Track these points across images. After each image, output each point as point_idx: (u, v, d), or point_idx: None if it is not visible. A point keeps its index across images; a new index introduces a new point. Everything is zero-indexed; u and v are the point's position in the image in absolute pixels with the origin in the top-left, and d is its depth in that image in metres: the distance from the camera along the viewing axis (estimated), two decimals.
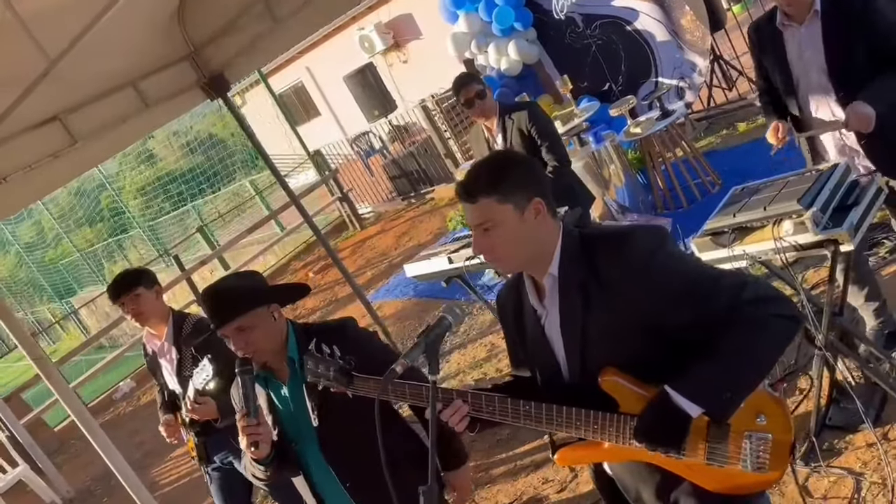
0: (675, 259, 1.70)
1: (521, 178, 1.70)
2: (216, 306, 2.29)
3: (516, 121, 4.21)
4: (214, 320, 2.28)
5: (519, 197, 1.68)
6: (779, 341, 1.66)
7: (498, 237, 1.70)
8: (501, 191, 1.67)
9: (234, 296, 2.32)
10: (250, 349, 2.27)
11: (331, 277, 9.88)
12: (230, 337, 2.27)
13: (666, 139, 6.20)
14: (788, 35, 2.99)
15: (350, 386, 1.93)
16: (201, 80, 4.91)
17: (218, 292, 2.34)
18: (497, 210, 1.68)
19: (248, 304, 2.27)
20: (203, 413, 3.11)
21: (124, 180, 24.80)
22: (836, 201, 2.60)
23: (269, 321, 2.32)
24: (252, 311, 2.27)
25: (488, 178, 1.70)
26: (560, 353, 1.78)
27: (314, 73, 17.47)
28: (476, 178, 1.72)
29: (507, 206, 1.67)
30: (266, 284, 2.51)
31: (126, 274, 3.44)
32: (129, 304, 3.33)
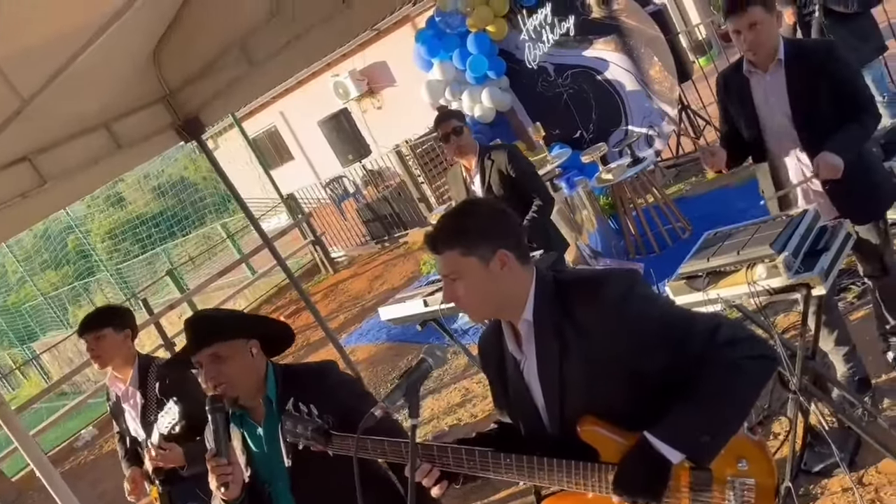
0: (649, 302, 1.71)
1: (485, 231, 1.70)
2: (196, 330, 2.26)
3: (496, 161, 4.25)
4: (191, 344, 2.24)
5: (483, 249, 1.68)
6: (755, 382, 1.66)
7: (464, 288, 1.71)
8: (465, 243, 1.68)
9: (214, 323, 2.31)
10: (221, 381, 2.22)
11: (302, 322, 9.77)
12: (203, 365, 2.23)
13: (637, 185, 6.30)
14: (754, 82, 3.08)
15: (329, 445, 1.92)
16: (176, 122, 4.89)
17: (199, 318, 2.34)
18: (461, 262, 1.69)
19: (227, 332, 2.24)
20: (168, 460, 3.00)
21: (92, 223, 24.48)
22: (806, 246, 2.64)
23: (247, 356, 2.28)
24: (230, 341, 2.23)
25: (452, 230, 1.71)
26: (539, 400, 1.76)
27: (288, 117, 17.60)
28: (440, 230, 1.73)
29: (470, 258, 1.68)
30: (249, 317, 2.47)
31: (99, 311, 3.33)
32: (91, 343, 3.23)
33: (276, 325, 2.44)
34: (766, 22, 2.88)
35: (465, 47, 7.86)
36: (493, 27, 7.71)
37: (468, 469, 1.79)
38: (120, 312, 3.37)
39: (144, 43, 4.35)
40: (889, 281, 3.28)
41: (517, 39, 7.82)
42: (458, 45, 7.90)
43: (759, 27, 2.87)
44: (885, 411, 3.24)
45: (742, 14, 2.86)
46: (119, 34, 3.46)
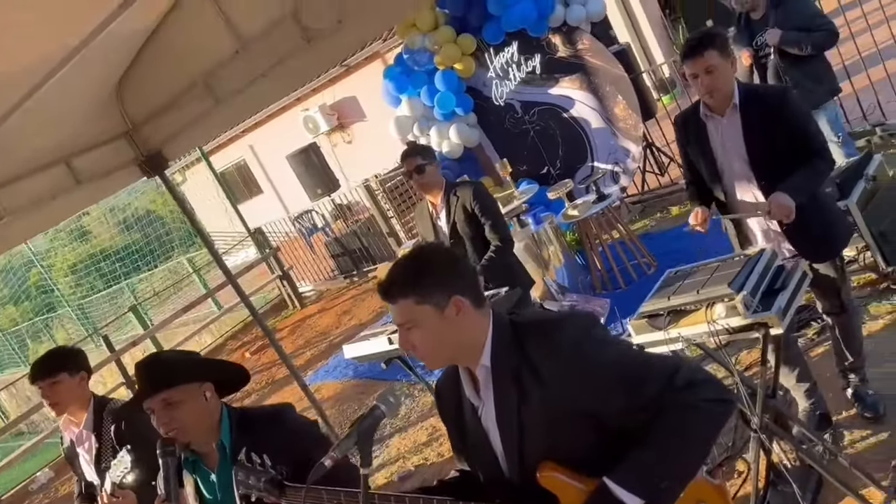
0: (606, 345, 1.70)
1: (439, 278, 1.68)
2: (146, 376, 2.21)
3: (461, 198, 4.26)
4: (143, 390, 2.19)
5: (437, 296, 1.66)
6: (713, 426, 1.66)
7: (419, 336, 1.69)
8: (418, 291, 1.66)
9: (165, 367, 2.25)
10: (174, 426, 2.17)
11: (268, 358, 9.62)
12: (154, 411, 2.17)
13: (602, 221, 6.36)
14: (711, 126, 3.15)
15: (282, 496, 1.86)
16: (139, 157, 4.83)
17: (150, 362, 2.27)
18: (415, 311, 1.67)
19: (179, 377, 2.19)
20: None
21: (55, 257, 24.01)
22: (764, 285, 2.67)
23: (200, 400, 2.23)
24: (182, 386, 2.18)
25: (405, 278, 1.69)
26: (498, 447, 1.73)
27: (257, 151, 17.57)
28: (393, 279, 1.70)
29: (425, 306, 1.66)
30: (202, 360, 2.42)
31: (51, 355, 3.22)
32: (47, 390, 3.13)
33: (230, 368, 2.40)
34: (722, 67, 2.95)
35: (433, 84, 7.94)
36: (460, 65, 7.80)
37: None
38: (73, 354, 3.27)
39: (107, 77, 4.31)
40: (847, 318, 3.33)
41: (485, 77, 7.92)
42: (426, 82, 7.98)
43: (715, 72, 2.94)
44: (846, 448, 3.26)
45: (699, 58, 2.93)
46: (80, 68, 3.43)
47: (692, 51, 2.94)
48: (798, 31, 4.82)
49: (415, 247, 1.78)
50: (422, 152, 4.30)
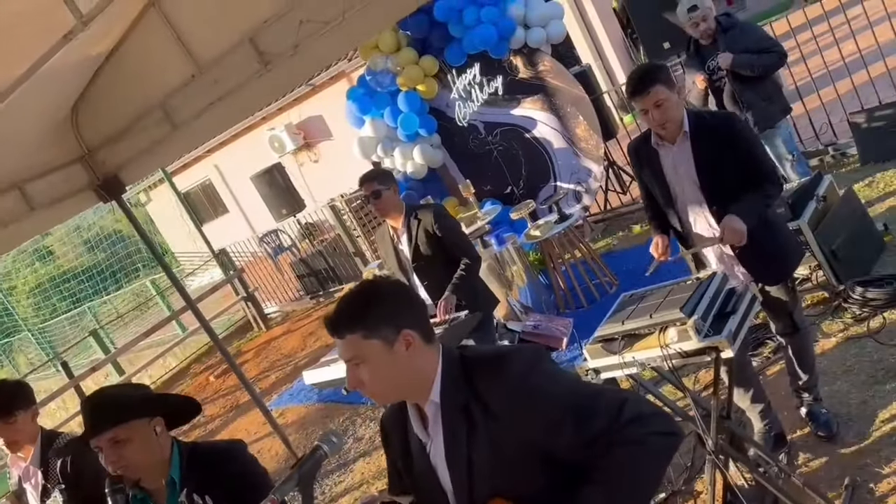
0: (553, 379, 1.69)
1: (387, 311, 1.65)
2: (92, 414, 2.15)
3: (423, 221, 4.26)
4: (88, 429, 2.13)
5: (386, 331, 1.63)
6: (659, 459, 1.66)
7: (368, 372, 1.65)
8: (366, 326, 1.63)
9: (112, 404, 2.18)
10: (122, 464, 2.12)
11: (232, 381, 9.48)
12: (102, 449, 2.12)
13: (564, 241, 6.41)
14: (663, 153, 3.20)
15: None
16: (94, 182, 4.75)
17: (95, 400, 2.21)
18: (363, 346, 1.63)
19: (126, 414, 2.14)
20: None
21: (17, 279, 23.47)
22: (715, 309, 2.71)
23: (150, 436, 2.18)
24: (129, 423, 2.13)
25: (352, 313, 1.65)
26: (447, 483, 1.71)
27: (223, 170, 17.43)
28: (340, 313, 1.66)
29: (373, 341, 1.63)
30: (151, 396, 2.37)
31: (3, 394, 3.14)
32: (2, 431, 3.04)
33: (179, 401, 2.36)
34: (670, 99, 3.01)
35: (396, 105, 7.96)
36: (423, 86, 7.84)
37: None
38: (23, 390, 3.17)
39: (61, 102, 4.24)
40: (799, 338, 3.39)
41: (448, 98, 7.96)
42: (389, 103, 8.00)
43: (664, 104, 3.00)
44: (800, 468, 3.30)
45: (646, 95, 2.99)
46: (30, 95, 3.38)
47: (639, 88, 3.00)
48: (748, 53, 4.94)
49: (363, 281, 1.76)
50: (378, 177, 4.28)
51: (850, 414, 3.45)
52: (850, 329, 4.05)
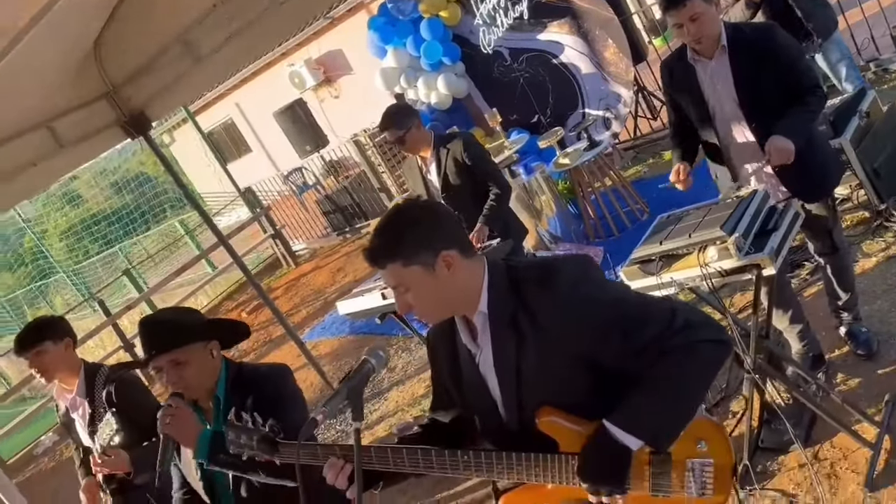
0: (602, 288, 1.68)
1: (422, 236, 1.64)
2: (153, 336, 2.21)
3: (451, 151, 4.20)
4: (150, 349, 2.19)
5: (424, 255, 1.62)
6: (711, 366, 1.66)
7: (414, 297, 1.66)
8: (404, 254, 1.62)
9: (172, 327, 2.25)
10: (182, 385, 2.19)
11: (264, 317, 9.64)
12: (163, 370, 2.18)
13: (594, 169, 6.31)
14: (700, 69, 3.08)
15: (276, 454, 1.85)
16: (121, 118, 4.75)
17: (156, 322, 2.29)
18: (404, 274, 1.63)
19: (186, 337, 2.21)
20: (113, 466, 2.94)
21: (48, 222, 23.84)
22: (756, 227, 2.65)
23: (206, 358, 2.25)
24: (189, 346, 2.20)
25: (388, 244, 1.64)
26: (496, 393, 1.72)
27: (244, 109, 17.32)
28: (376, 244, 1.66)
29: (413, 268, 1.62)
30: (206, 320, 2.42)
31: (32, 327, 3.21)
32: (33, 360, 3.12)
33: (232, 325, 2.41)
34: (707, 12, 2.88)
35: (418, 33, 7.78)
36: (445, 12, 7.63)
37: (424, 469, 1.75)
38: (54, 323, 3.26)
39: (81, 37, 4.19)
40: (839, 258, 3.32)
41: (471, 24, 7.75)
42: (411, 32, 7.82)
43: (700, 18, 2.87)
44: (839, 386, 3.29)
45: (681, 8, 2.86)
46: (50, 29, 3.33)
47: (673, 1, 2.87)
48: None
49: (392, 208, 1.73)
50: (396, 122, 4.12)
51: (890, 332, 3.41)
52: (891, 248, 3.97)
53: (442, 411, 1.89)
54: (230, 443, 1.85)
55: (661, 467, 1.66)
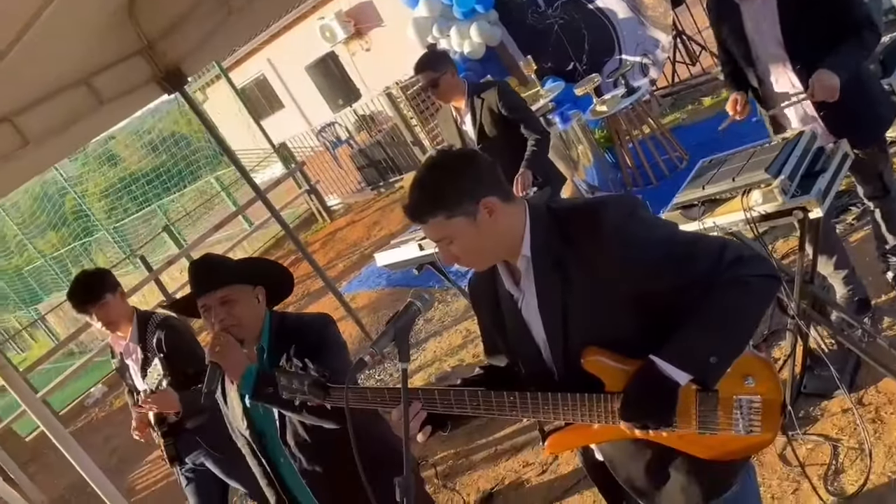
0: (650, 225, 1.66)
1: (461, 186, 1.62)
2: (203, 275, 2.25)
3: (486, 100, 4.15)
4: (199, 287, 2.23)
5: (466, 205, 1.61)
6: (761, 301, 1.64)
7: (458, 248, 1.66)
8: (445, 207, 1.61)
9: (221, 267, 2.31)
10: (230, 322, 2.22)
11: (302, 271, 9.76)
12: (211, 308, 2.22)
13: (632, 116, 6.19)
14: (745, 8, 2.98)
15: (326, 398, 1.89)
16: (157, 74, 4.78)
17: (206, 262, 2.33)
18: (447, 226, 1.63)
19: (234, 276, 2.25)
20: (162, 404, 3.04)
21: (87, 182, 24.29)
22: (803, 169, 2.59)
23: (253, 301, 2.29)
24: (237, 286, 2.24)
25: (428, 198, 1.63)
26: (540, 336, 1.72)
27: (276, 64, 17.28)
28: (416, 200, 1.64)
29: (456, 219, 1.62)
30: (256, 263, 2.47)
31: (87, 281, 3.27)
32: (98, 314, 3.21)
33: (280, 272, 2.43)
34: None
35: None
36: None
37: (471, 411, 1.77)
38: (105, 276, 3.35)
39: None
40: (889, 201, 3.23)
41: None
42: None
43: None
44: (885, 331, 3.23)
45: None
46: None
47: None
48: None
49: (427, 160, 1.71)
50: (432, 63, 4.11)
51: None
52: None
53: (496, 356, 1.90)
54: (282, 388, 1.89)
55: (708, 404, 1.65)
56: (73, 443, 4.44)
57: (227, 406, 2.45)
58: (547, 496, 3.54)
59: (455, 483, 4.08)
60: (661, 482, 1.76)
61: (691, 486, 1.74)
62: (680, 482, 1.74)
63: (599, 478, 1.92)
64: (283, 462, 2.37)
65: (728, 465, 1.73)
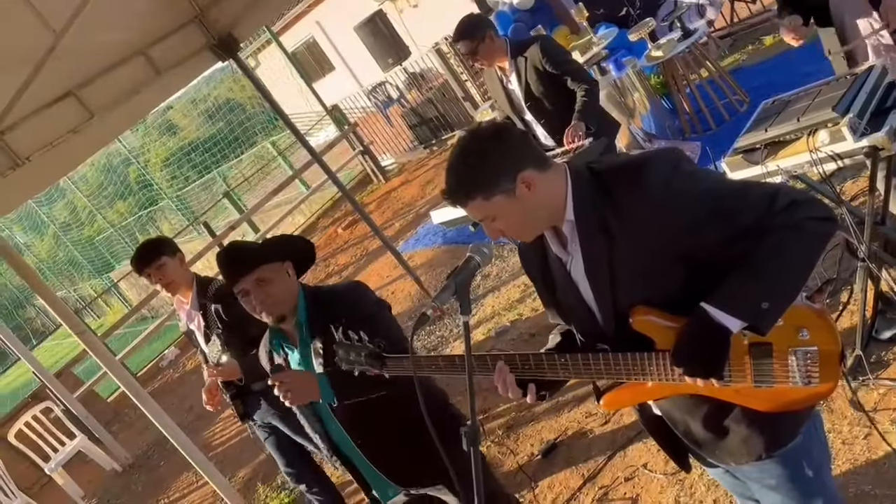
0: (696, 178, 1.62)
1: (496, 165, 1.62)
2: (233, 261, 2.33)
3: (529, 58, 4.08)
4: (232, 275, 2.30)
5: (503, 184, 1.61)
6: (815, 244, 1.59)
7: (502, 224, 1.67)
8: (482, 189, 1.62)
9: (247, 251, 2.39)
10: (270, 301, 2.30)
11: (360, 232, 9.89)
12: (249, 292, 2.29)
13: (689, 60, 6.00)
14: None
15: (384, 368, 1.94)
16: (210, 41, 4.86)
17: (232, 250, 2.41)
18: (488, 206, 1.64)
19: (263, 256, 2.32)
20: (225, 374, 3.18)
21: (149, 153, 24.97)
22: (873, 105, 2.49)
23: (285, 276, 2.36)
24: (269, 264, 2.31)
25: (464, 182, 1.64)
26: (589, 298, 1.72)
27: (325, 26, 17.26)
28: (454, 185, 1.65)
29: (496, 198, 1.62)
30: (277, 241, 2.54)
31: (146, 245, 3.43)
32: (155, 275, 3.35)
33: (303, 243, 2.50)
34: None
35: None
36: None
37: (525, 374, 1.79)
38: (164, 241, 3.49)
39: None
40: None
41: None
42: None
43: None
44: None
45: None
46: None
47: None
48: None
49: (457, 144, 1.70)
50: (470, 31, 4.01)
51: None
52: None
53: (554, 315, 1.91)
54: (340, 360, 1.94)
55: (763, 357, 1.63)
56: (153, 402, 4.68)
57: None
58: (610, 446, 3.57)
59: (518, 434, 4.14)
60: (721, 435, 1.76)
61: (753, 438, 1.73)
62: (741, 434, 1.73)
63: (658, 431, 1.91)
64: (334, 430, 2.44)
65: (790, 417, 1.71)
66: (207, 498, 6.00)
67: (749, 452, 1.75)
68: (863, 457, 2.68)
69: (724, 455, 1.80)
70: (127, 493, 7.34)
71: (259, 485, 5.43)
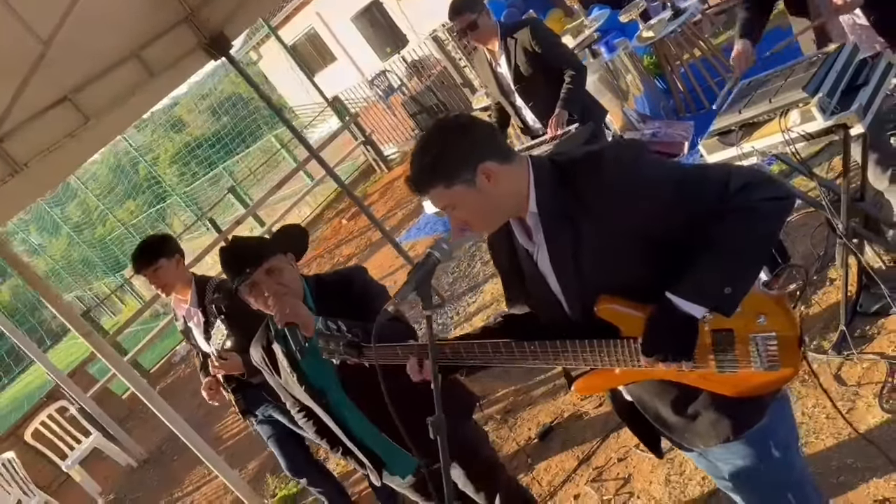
0: (656, 167, 1.67)
1: (455, 157, 1.65)
2: (241, 256, 2.33)
3: (519, 39, 4.11)
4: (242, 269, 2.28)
5: (463, 174, 1.65)
6: (770, 224, 1.63)
7: (464, 213, 1.71)
8: (443, 177, 1.66)
9: (252, 245, 2.42)
10: (283, 290, 2.30)
11: (363, 223, 9.94)
12: (260, 286, 2.28)
13: (681, 40, 5.99)
14: None
15: (362, 357, 2.01)
16: (202, 41, 4.90)
17: (236, 246, 2.41)
18: (448, 195, 1.67)
19: (267, 248, 2.35)
20: (228, 368, 3.24)
21: (157, 150, 25.13)
22: (843, 84, 2.50)
23: (291, 267, 2.39)
24: (274, 256, 2.32)
25: (425, 170, 1.68)
26: (556, 288, 1.76)
27: (324, 17, 17.26)
28: (415, 173, 1.70)
29: (456, 187, 1.66)
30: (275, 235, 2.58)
31: (144, 247, 3.48)
32: (151, 277, 3.42)
33: (297, 231, 2.54)
34: None
35: None
36: None
37: (495, 361, 1.84)
38: (164, 241, 3.53)
39: None
40: None
41: None
42: None
43: None
44: None
45: None
46: None
47: None
48: None
49: (423, 133, 1.75)
50: (469, 6, 4.05)
51: None
52: None
53: (517, 306, 1.96)
54: (323, 350, 2.01)
55: (724, 343, 1.67)
56: (160, 400, 4.78)
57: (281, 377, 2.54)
58: (605, 427, 3.63)
59: (517, 418, 4.21)
60: (689, 419, 1.81)
61: (721, 422, 1.77)
62: (709, 418, 1.78)
63: (630, 418, 1.96)
64: (349, 415, 2.47)
65: (756, 400, 1.76)
66: (220, 490, 6.12)
67: (717, 435, 1.80)
68: (846, 430, 2.72)
69: (693, 438, 1.85)
70: (143, 487, 7.49)
71: (268, 476, 5.53)
